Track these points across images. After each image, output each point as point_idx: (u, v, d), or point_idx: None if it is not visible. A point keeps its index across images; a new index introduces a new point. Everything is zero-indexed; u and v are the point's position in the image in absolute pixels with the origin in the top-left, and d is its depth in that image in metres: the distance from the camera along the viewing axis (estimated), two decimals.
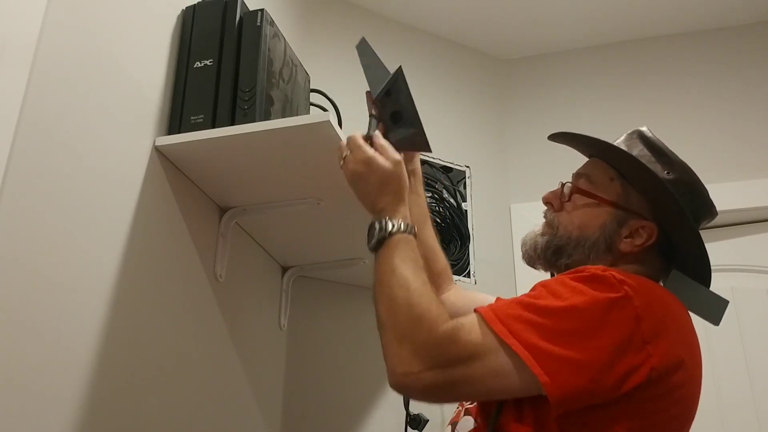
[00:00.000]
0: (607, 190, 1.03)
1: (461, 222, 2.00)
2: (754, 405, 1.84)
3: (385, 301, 0.90)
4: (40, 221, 0.91)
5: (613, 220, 1.00)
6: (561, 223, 1.04)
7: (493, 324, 0.83)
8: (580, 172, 1.09)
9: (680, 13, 2.27)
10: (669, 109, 2.25)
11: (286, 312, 1.70)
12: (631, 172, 1.03)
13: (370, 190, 1.00)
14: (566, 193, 1.06)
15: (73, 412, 0.94)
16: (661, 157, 1.06)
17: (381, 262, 0.94)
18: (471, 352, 0.82)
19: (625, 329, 0.82)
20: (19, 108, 0.87)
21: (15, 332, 0.85)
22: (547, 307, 0.84)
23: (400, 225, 0.96)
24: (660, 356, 0.83)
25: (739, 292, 1.98)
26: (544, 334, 0.81)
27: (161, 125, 1.22)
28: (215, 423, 1.32)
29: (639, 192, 1.02)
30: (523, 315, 0.83)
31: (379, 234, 0.95)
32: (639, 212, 1.01)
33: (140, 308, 1.11)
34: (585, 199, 1.04)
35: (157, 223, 1.17)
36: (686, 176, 1.05)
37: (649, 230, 1.00)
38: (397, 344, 0.85)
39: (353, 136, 1.04)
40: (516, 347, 0.80)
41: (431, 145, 1.10)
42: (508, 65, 2.50)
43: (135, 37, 1.16)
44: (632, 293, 0.84)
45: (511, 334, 0.81)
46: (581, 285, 0.86)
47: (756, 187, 2.05)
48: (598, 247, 1.00)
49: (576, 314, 0.83)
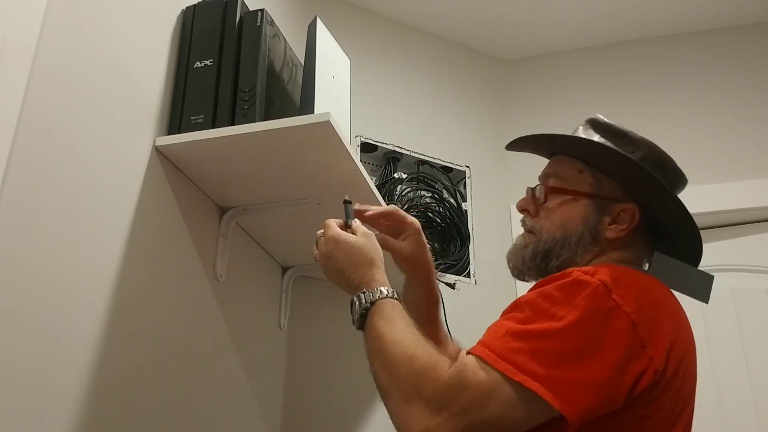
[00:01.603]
0: (579, 182, 1.02)
1: (461, 222, 2.00)
2: (754, 405, 1.84)
3: (382, 367, 0.86)
4: (40, 221, 0.91)
5: (593, 210, 1.00)
6: (543, 227, 1.03)
7: (496, 364, 0.79)
8: (547, 172, 1.07)
9: (680, 13, 2.27)
10: (669, 109, 2.25)
11: (286, 312, 1.70)
12: (599, 159, 1.02)
13: (340, 267, 0.97)
14: (540, 196, 1.05)
15: (73, 411, 0.94)
16: (622, 139, 1.05)
17: (368, 334, 0.90)
18: (483, 391, 0.78)
19: (624, 340, 0.81)
20: (19, 108, 0.87)
21: (15, 332, 0.85)
22: (544, 332, 0.81)
23: (380, 292, 0.93)
24: (659, 356, 0.83)
25: (739, 292, 1.98)
26: (549, 361, 0.78)
27: (161, 125, 1.22)
28: (215, 423, 1.32)
29: (611, 177, 1.01)
30: (523, 347, 0.80)
31: (360, 310, 0.92)
32: (616, 197, 1.00)
33: (140, 308, 1.11)
34: (560, 197, 1.03)
35: (157, 223, 1.17)
36: (652, 152, 1.05)
37: (631, 212, 0.99)
38: (406, 404, 0.81)
39: (327, 221, 1.04)
40: (527, 382, 0.77)
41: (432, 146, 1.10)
42: (508, 65, 2.50)
43: (135, 37, 1.16)
44: (621, 300, 0.83)
45: (518, 370, 0.78)
46: (568, 296, 0.83)
47: (756, 187, 2.05)
48: (585, 240, 0.99)
49: (574, 333, 0.80)
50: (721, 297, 1.99)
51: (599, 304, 0.82)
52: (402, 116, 2.16)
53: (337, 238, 0.99)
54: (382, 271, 0.97)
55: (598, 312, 0.82)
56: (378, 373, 0.86)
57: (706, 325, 1.95)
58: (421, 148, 2.07)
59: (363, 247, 0.98)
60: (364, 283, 0.95)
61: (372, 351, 0.88)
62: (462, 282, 1.93)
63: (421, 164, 2.06)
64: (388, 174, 1.96)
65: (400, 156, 2.01)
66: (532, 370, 0.78)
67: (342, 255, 0.98)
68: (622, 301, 0.83)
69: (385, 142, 2.01)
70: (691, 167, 2.15)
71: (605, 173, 1.02)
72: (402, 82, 2.23)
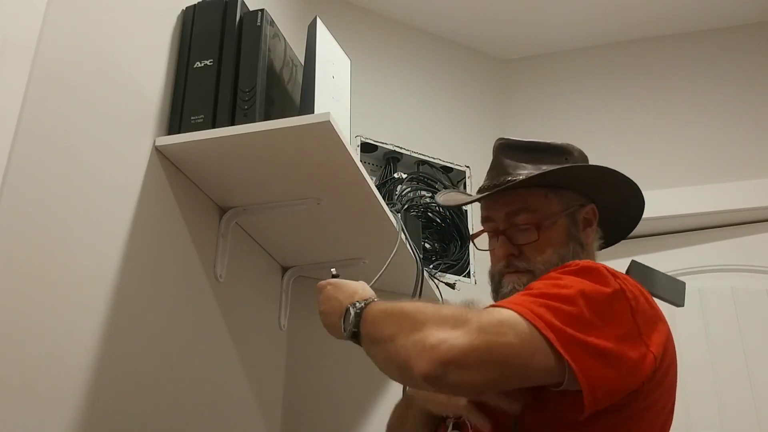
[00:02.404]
0: (550, 206, 1.06)
1: (461, 222, 2.00)
2: (754, 405, 1.84)
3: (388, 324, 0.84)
4: (40, 221, 0.91)
5: (571, 224, 1.06)
6: (538, 262, 1.03)
7: (513, 306, 0.79)
8: (511, 210, 1.06)
9: (680, 13, 2.27)
10: (669, 109, 2.25)
11: (286, 312, 1.70)
12: (559, 179, 1.07)
13: (335, 305, 0.97)
14: (524, 234, 1.05)
15: (72, 412, 0.94)
16: (551, 152, 1.11)
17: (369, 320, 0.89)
18: (501, 320, 0.78)
19: (626, 322, 0.84)
20: (19, 108, 0.87)
21: (15, 332, 0.85)
22: (557, 295, 0.82)
23: (369, 299, 0.93)
24: (656, 346, 0.86)
25: (739, 292, 1.98)
26: (563, 318, 0.79)
27: (161, 125, 1.22)
28: (215, 423, 1.32)
29: (570, 189, 1.08)
30: (538, 301, 0.81)
31: (353, 316, 0.90)
32: (579, 203, 1.08)
33: (140, 308, 1.11)
34: (541, 226, 1.05)
35: (157, 223, 1.17)
36: (577, 152, 1.13)
37: (592, 210, 1.09)
38: (419, 331, 0.78)
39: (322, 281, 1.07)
40: (543, 329, 0.77)
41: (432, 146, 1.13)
42: (508, 65, 2.50)
43: (135, 37, 1.16)
44: (624, 286, 0.86)
45: (535, 315, 0.78)
46: (576, 277, 0.86)
47: (756, 187, 2.05)
48: (577, 254, 1.04)
49: (584, 302, 0.81)
50: (721, 297, 1.99)
51: (605, 282, 0.85)
52: (402, 116, 2.16)
53: (332, 281, 1.03)
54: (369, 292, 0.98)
55: (604, 290, 0.84)
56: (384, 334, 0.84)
57: (706, 325, 1.96)
58: (421, 148, 2.07)
59: (354, 283, 1.01)
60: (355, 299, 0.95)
61: (374, 321, 0.87)
62: (462, 282, 1.93)
63: (421, 164, 2.06)
64: (388, 174, 1.96)
65: (400, 156, 2.01)
66: (548, 319, 0.78)
67: (338, 291, 1.00)
68: (624, 287, 0.86)
69: (385, 142, 2.01)
70: (691, 167, 2.17)
71: (563, 188, 1.08)
72: (402, 82, 2.23)
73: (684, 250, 2.09)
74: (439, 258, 1.94)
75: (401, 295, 1.62)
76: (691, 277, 2.02)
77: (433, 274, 1.86)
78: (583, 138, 2.27)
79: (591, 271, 0.87)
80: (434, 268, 1.88)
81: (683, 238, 2.12)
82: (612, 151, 2.20)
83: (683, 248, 2.10)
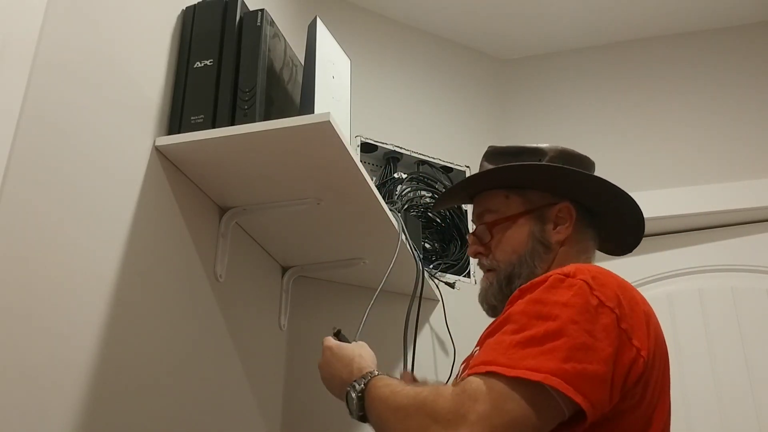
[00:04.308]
0: (509, 206, 1.10)
1: (461, 222, 2.00)
2: (754, 405, 1.84)
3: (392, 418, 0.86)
4: (41, 221, 0.91)
5: (535, 223, 1.07)
6: (499, 260, 1.09)
7: (510, 373, 0.79)
8: (479, 212, 1.14)
9: (680, 13, 2.27)
10: (669, 108, 2.25)
11: (286, 312, 1.70)
12: (515, 178, 1.10)
13: (334, 371, 1.04)
14: (483, 235, 1.11)
15: (72, 410, 0.94)
16: (524, 154, 1.12)
17: (373, 407, 0.92)
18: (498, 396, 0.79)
19: (613, 334, 0.84)
20: (19, 108, 0.87)
21: (14, 331, 0.85)
22: (546, 333, 0.82)
23: (369, 374, 0.97)
24: (645, 347, 0.86)
25: (739, 292, 1.98)
26: (561, 356, 0.79)
27: (161, 125, 1.22)
28: (215, 423, 1.32)
29: (534, 189, 1.09)
30: (531, 352, 0.81)
31: (356, 395, 0.95)
32: (547, 202, 1.08)
33: (140, 308, 1.11)
34: (501, 227, 1.09)
35: (157, 223, 1.17)
36: (554, 151, 1.11)
37: (566, 208, 1.07)
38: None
39: (325, 338, 1.12)
40: (546, 380, 0.78)
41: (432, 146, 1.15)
42: (508, 65, 2.50)
43: (135, 37, 1.16)
44: (603, 297, 0.86)
45: (534, 371, 0.79)
46: (557, 296, 0.85)
47: (756, 187, 2.05)
48: (538, 252, 1.06)
49: (574, 328, 0.82)
50: (721, 297, 1.99)
51: (587, 300, 0.85)
52: (402, 116, 2.16)
53: (332, 346, 1.08)
54: (371, 362, 1.03)
55: (588, 308, 0.84)
56: (389, 426, 0.87)
57: (706, 325, 1.96)
58: (421, 148, 2.07)
59: (354, 348, 1.06)
60: (354, 374, 0.99)
61: (380, 417, 0.90)
62: (462, 282, 1.93)
63: (421, 164, 2.06)
64: (388, 174, 1.97)
65: (400, 156, 2.01)
66: (547, 367, 0.79)
67: (336, 359, 1.05)
68: (604, 298, 0.86)
69: (385, 142, 2.01)
70: (691, 167, 2.17)
71: (527, 188, 1.09)
72: (402, 82, 2.23)
73: (684, 250, 2.09)
74: (439, 258, 1.94)
75: (401, 295, 1.62)
76: (691, 277, 2.02)
77: (433, 274, 1.86)
78: (582, 138, 2.29)
79: (565, 284, 0.86)
80: (434, 268, 1.88)
81: (683, 238, 2.12)
82: (612, 151, 2.20)
83: (683, 248, 2.10)
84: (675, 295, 2.02)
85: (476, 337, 0.97)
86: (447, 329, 1.85)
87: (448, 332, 1.86)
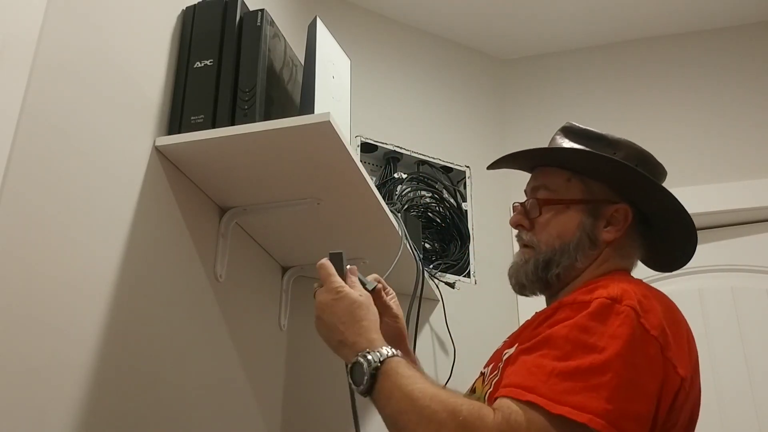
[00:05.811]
0: (569, 190, 1.04)
1: (461, 222, 2.00)
2: (754, 405, 1.84)
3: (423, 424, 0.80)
4: (41, 221, 0.91)
5: (588, 215, 1.02)
6: (541, 240, 1.03)
7: (553, 409, 0.76)
8: (535, 185, 1.08)
9: (680, 13, 2.27)
10: (669, 109, 2.25)
11: (286, 312, 1.70)
12: (584, 165, 1.03)
13: (337, 321, 0.94)
14: (532, 210, 1.05)
15: (72, 410, 0.94)
16: (601, 142, 1.06)
17: (391, 394, 0.85)
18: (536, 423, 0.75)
19: (658, 366, 0.82)
20: (19, 109, 0.87)
21: (14, 330, 0.85)
22: (591, 366, 0.78)
23: (387, 351, 0.88)
24: (688, 373, 0.86)
25: (739, 292, 1.98)
26: (607, 395, 0.76)
27: (161, 125, 1.22)
28: (215, 423, 1.32)
29: (598, 181, 1.03)
30: (575, 386, 0.77)
31: (369, 370, 0.87)
32: (607, 199, 1.02)
33: (140, 308, 1.11)
34: (553, 207, 1.03)
35: (157, 223, 1.17)
36: (632, 150, 1.06)
37: (624, 211, 1.01)
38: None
39: (325, 267, 1.00)
40: (591, 422, 0.75)
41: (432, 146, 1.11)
42: (508, 65, 2.50)
43: (135, 37, 1.16)
44: (648, 325, 0.83)
45: (579, 410, 0.75)
46: (604, 325, 0.82)
47: (756, 187, 2.05)
48: (583, 246, 1.01)
49: (621, 364, 0.79)
50: (721, 297, 1.99)
51: (635, 331, 0.82)
52: (402, 116, 2.16)
53: (340, 290, 0.96)
54: (380, 333, 0.94)
55: (636, 340, 0.81)
56: (410, 425, 0.81)
57: (706, 325, 1.96)
58: (421, 148, 2.07)
59: (363, 306, 0.95)
60: (364, 342, 0.91)
61: (401, 410, 0.83)
62: (462, 282, 1.93)
63: (421, 164, 2.06)
64: (388, 174, 1.97)
65: (400, 156, 2.01)
66: (592, 407, 0.75)
67: (341, 309, 0.95)
68: (649, 326, 0.83)
69: (385, 142, 2.01)
70: (691, 167, 2.17)
71: (592, 178, 1.03)
72: (402, 82, 2.23)
73: None
74: (439, 258, 1.94)
75: (401, 295, 1.62)
76: (691, 277, 2.02)
77: (433, 274, 1.86)
78: None
79: (609, 311, 0.83)
80: (434, 268, 1.88)
81: None
82: None
83: None
84: (675, 294, 1.99)
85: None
86: (447, 329, 1.85)
87: (448, 332, 1.86)
